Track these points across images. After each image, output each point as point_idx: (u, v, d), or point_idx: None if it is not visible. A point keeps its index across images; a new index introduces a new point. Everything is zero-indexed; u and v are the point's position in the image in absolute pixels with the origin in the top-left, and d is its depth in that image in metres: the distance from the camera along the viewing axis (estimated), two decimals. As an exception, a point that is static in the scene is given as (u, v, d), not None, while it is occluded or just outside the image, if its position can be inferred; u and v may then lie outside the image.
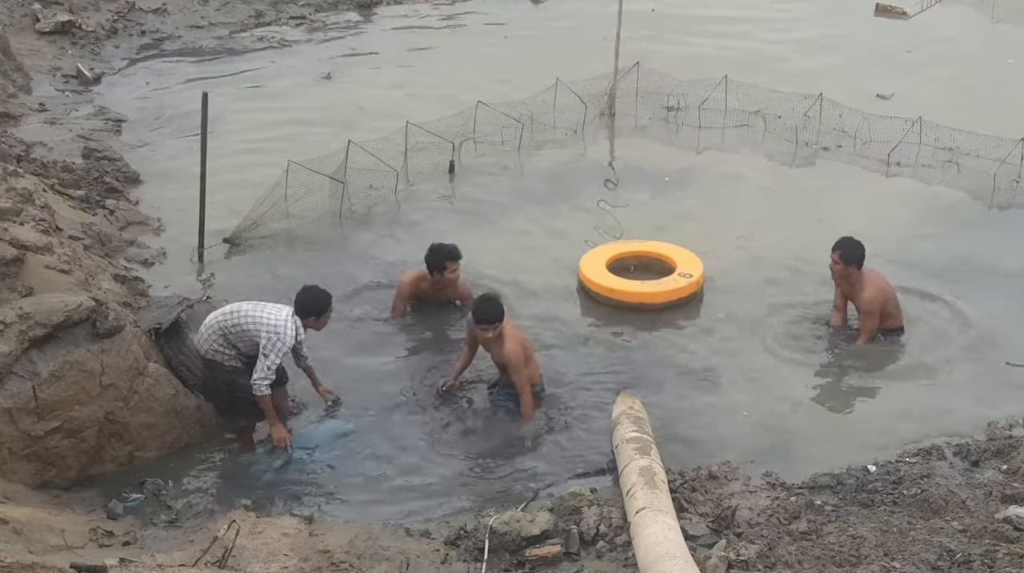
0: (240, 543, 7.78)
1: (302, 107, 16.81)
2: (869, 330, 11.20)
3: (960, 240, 13.32)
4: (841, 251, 11.12)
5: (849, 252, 11.11)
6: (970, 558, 7.68)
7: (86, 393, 8.85)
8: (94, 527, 8.29)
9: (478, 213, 13.89)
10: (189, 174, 13.31)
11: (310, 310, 9.70)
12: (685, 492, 8.70)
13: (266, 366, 9.34)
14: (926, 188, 14.77)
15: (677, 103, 16.80)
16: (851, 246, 11.14)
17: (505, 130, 15.76)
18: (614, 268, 12.22)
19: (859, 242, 11.18)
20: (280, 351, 9.39)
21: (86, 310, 8.90)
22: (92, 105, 16.49)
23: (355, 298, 11.98)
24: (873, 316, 11.16)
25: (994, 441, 9.55)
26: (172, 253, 12.60)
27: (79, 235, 11.61)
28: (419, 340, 11.48)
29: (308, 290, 9.88)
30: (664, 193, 14.62)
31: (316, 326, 9.81)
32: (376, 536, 8.28)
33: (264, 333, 9.38)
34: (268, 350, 9.36)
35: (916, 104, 16.22)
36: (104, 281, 10.51)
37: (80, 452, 8.92)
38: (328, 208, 13.62)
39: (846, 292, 11.32)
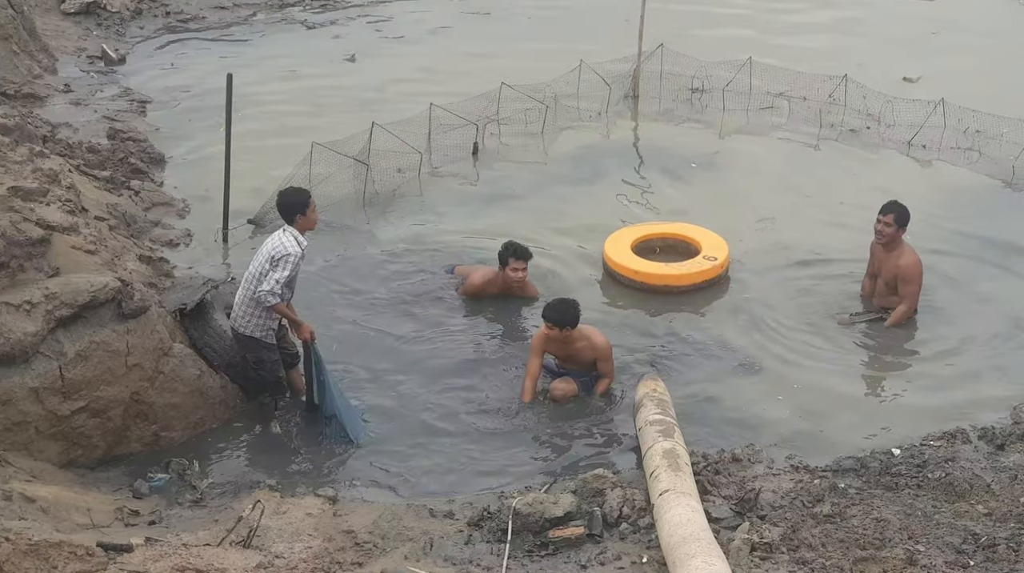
0: (265, 523, 7.83)
1: (326, 89, 16.81)
2: (913, 297, 11.15)
3: (983, 223, 13.25)
4: (895, 214, 11.08)
5: (901, 215, 11.09)
6: (995, 542, 7.67)
7: (112, 373, 8.90)
8: (120, 506, 8.35)
9: (502, 195, 13.88)
10: (214, 155, 13.33)
11: (292, 209, 9.46)
12: (708, 474, 8.70)
13: (275, 279, 9.19)
14: (949, 171, 14.69)
15: (701, 85, 16.74)
16: (902, 209, 11.12)
17: (529, 112, 15.73)
18: (639, 250, 12.19)
19: (906, 206, 11.15)
20: (287, 262, 9.21)
21: (112, 290, 8.95)
22: (117, 86, 16.53)
23: (380, 278, 12.00)
24: (916, 282, 11.10)
25: (1019, 424, 9.52)
26: (197, 234, 12.63)
27: (104, 216, 11.65)
28: (453, 320, 11.46)
29: (282, 193, 9.77)
30: (688, 175, 14.57)
31: (307, 225, 9.54)
32: (400, 516, 8.32)
33: (266, 255, 9.29)
34: (276, 264, 9.21)
35: (942, 87, 16.11)
36: (129, 262, 10.54)
37: (106, 432, 8.97)
38: (352, 190, 13.63)
39: (881, 261, 11.26)
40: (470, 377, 10.51)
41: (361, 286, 11.86)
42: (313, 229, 9.76)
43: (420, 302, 11.64)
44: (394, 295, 11.74)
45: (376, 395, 10.24)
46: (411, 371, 10.60)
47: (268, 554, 7.51)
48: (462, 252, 12.46)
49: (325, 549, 7.71)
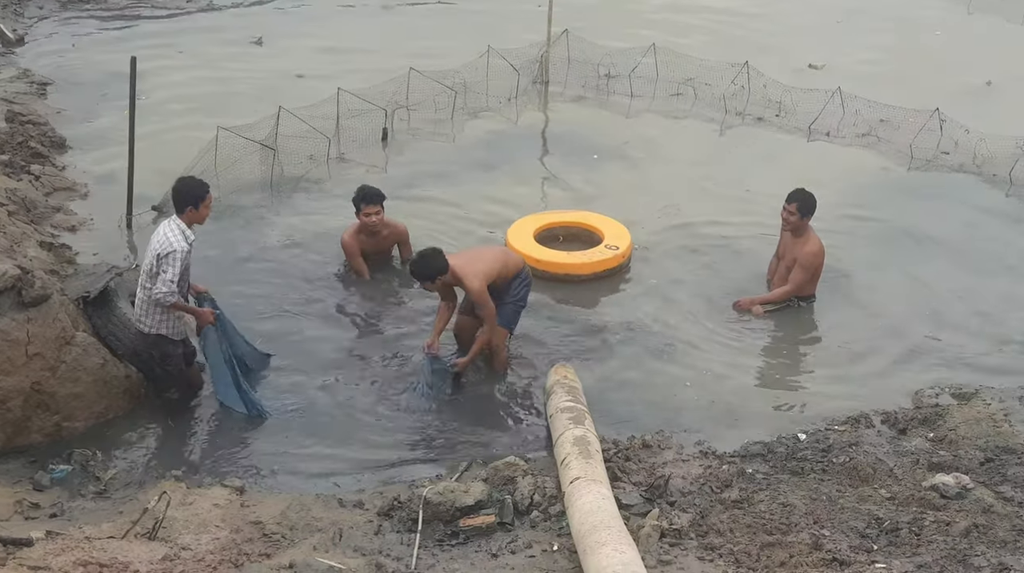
0: (171, 514, 7.74)
1: (232, 71, 16.61)
2: (797, 283, 11.33)
3: (885, 208, 13.50)
4: (798, 203, 11.24)
5: (804, 203, 11.25)
6: (898, 525, 7.81)
7: (11, 363, 8.69)
8: (20, 499, 8.18)
9: (411, 181, 13.81)
10: (116, 139, 13.07)
11: (185, 200, 9.22)
12: (619, 461, 8.74)
13: (167, 279, 8.97)
14: (849, 158, 14.93)
15: (608, 71, 16.83)
16: (806, 197, 11.28)
17: (438, 97, 15.68)
18: (542, 238, 12.20)
19: (812, 194, 11.31)
20: (174, 259, 8.99)
21: (11, 278, 8.73)
22: (15, 67, 16.16)
23: (286, 264, 11.89)
24: (808, 270, 11.28)
25: (921, 409, 9.70)
26: (100, 220, 12.39)
27: (3, 201, 11.41)
28: (355, 304, 11.44)
29: (181, 180, 9.55)
30: (596, 162, 14.62)
31: (198, 219, 9.32)
32: (308, 507, 8.25)
33: (153, 252, 9.07)
34: (164, 265, 8.99)
35: (845, 74, 16.41)
36: (30, 248, 10.32)
37: (5, 422, 8.75)
38: (259, 175, 13.48)
39: (787, 245, 11.42)
40: (374, 364, 10.43)
41: (262, 273, 11.73)
42: (202, 223, 9.52)
43: (318, 288, 11.57)
44: (293, 281, 11.64)
45: (280, 384, 10.13)
46: (313, 359, 10.49)
47: (174, 546, 7.42)
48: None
49: (233, 540, 7.63)
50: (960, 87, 16.71)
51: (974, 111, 15.32)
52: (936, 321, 11.32)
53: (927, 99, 15.29)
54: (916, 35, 19.13)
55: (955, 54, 18.31)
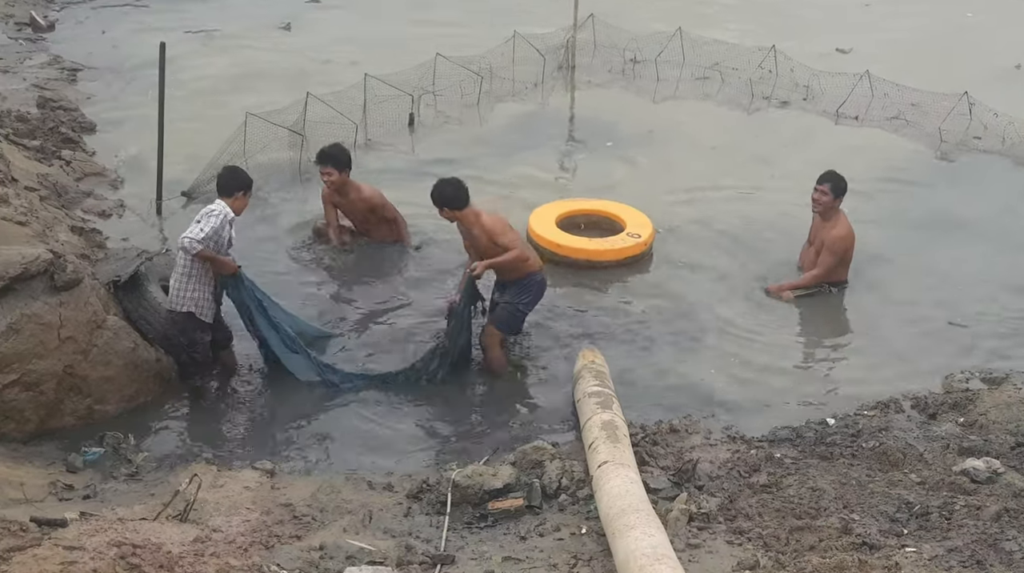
0: (202, 497, 7.77)
1: (261, 58, 16.66)
2: (826, 267, 11.31)
3: (912, 194, 13.44)
4: (830, 183, 11.24)
5: (836, 184, 11.25)
6: (928, 510, 7.79)
7: (44, 346, 8.76)
8: (54, 481, 8.25)
9: (437, 166, 13.77)
10: (146, 124, 13.12)
11: (234, 186, 9.42)
12: (647, 446, 8.75)
13: (198, 229, 9.08)
14: (877, 142, 14.86)
15: (634, 56, 16.79)
16: (838, 178, 11.28)
17: (464, 83, 15.69)
18: (564, 225, 12.19)
19: (843, 176, 11.28)
20: (211, 222, 9.10)
21: (44, 262, 8.80)
22: (46, 53, 16.26)
23: (312, 249, 11.93)
24: (836, 254, 11.26)
25: (951, 394, 9.67)
26: (130, 205, 12.47)
27: (35, 186, 11.48)
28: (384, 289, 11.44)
29: (230, 168, 9.75)
30: (620, 147, 14.60)
31: (238, 206, 9.47)
32: (338, 489, 8.29)
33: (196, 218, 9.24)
34: (203, 219, 9.13)
35: (873, 58, 16.31)
36: (61, 233, 10.39)
37: (38, 405, 8.83)
38: (287, 161, 13.52)
39: (817, 229, 11.39)
40: (403, 348, 10.45)
41: (288, 257, 11.79)
42: (238, 215, 9.62)
43: (345, 273, 11.63)
44: (320, 266, 11.70)
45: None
46: (341, 343, 10.54)
47: (205, 528, 7.46)
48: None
49: (263, 522, 7.67)
50: (989, 70, 16.59)
51: (1004, 94, 15.23)
52: (966, 305, 11.26)
53: (956, 82, 15.19)
54: (944, 18, 18.98)
55: (984, 37, 18.17)
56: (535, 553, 7.47)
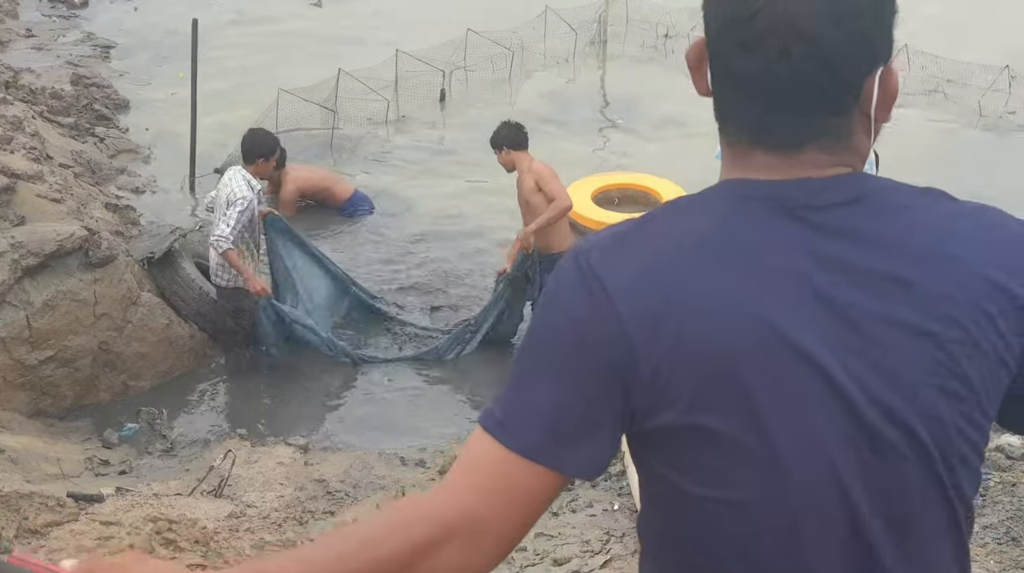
0: (236, 472, 7.81)
1: (293, 34, 16.67)
2: None
3: (950, 169, 13.32)
4: None
5: None
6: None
7: (79, 322, 8.83)
8: (90, 456, 8.31)
9: (469, 141, 13.81)
10: (179, 101, 13.20)
11: (258, 151, 9.29)
12: (679, 422, 8.72)
13: (226, 223, 9.04)
14: (915, 117, 14.73)
15: (667, 31, 16.71)
16: None
17: (496, 58, 15.66)
18: (599, 200, 12.17)
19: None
20: (240, 207, 9.04)
21: (79, 239, 8.86)
22: (80, 30, 16.35)
23: (344, 224, 11.97)
24: None
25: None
26: (163, 182, 12.53)
27: (69, 163, 11.54)
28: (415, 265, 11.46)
29: (253, 131, 9.67)
30: (651, 123, 14.55)
31: (265, 172, 9.43)
32: (371, 465, 8.31)
33: (223, 202, 9.15)
34: (229, 210, 9.06)
35: (910, 31, 16.15)
36: (95, 210, 10.45)
37: (74, 381, 8.91)
38: (319, 137, 13.55)
39: None
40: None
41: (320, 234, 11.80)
42: (265, 178, 9.61)
43: (379, 249, 11.66)
44: (352, 242, 11.74)
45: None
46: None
47: (240, 503, 7.51)
48: (423, 197, 12.42)
49: (297, 498, 7.71)
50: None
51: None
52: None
53: (996, 56, 15.05)
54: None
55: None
56: (567, 529, 7.47)
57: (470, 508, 1.75)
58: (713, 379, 1.73)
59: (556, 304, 1.81)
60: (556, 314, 1.80)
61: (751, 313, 1.74)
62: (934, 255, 1.78)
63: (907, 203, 1.85)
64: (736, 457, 1.75)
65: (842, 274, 1.75)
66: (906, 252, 1.77)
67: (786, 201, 1.81)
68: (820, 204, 1.80)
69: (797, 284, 1.75)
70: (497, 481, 1.76)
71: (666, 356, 1.73)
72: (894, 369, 1.74)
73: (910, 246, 1.78)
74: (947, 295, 1.76)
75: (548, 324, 1.81)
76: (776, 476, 1.74)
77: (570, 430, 1.77)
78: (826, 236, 1.78)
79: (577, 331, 1.77)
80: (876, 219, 1.80)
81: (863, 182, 1.88)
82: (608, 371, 1.75)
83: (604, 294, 1.75)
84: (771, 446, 1.74)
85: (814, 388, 1.73)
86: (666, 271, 1.76)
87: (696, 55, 2.00)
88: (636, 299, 1.75)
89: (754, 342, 1.73)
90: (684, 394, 1.73)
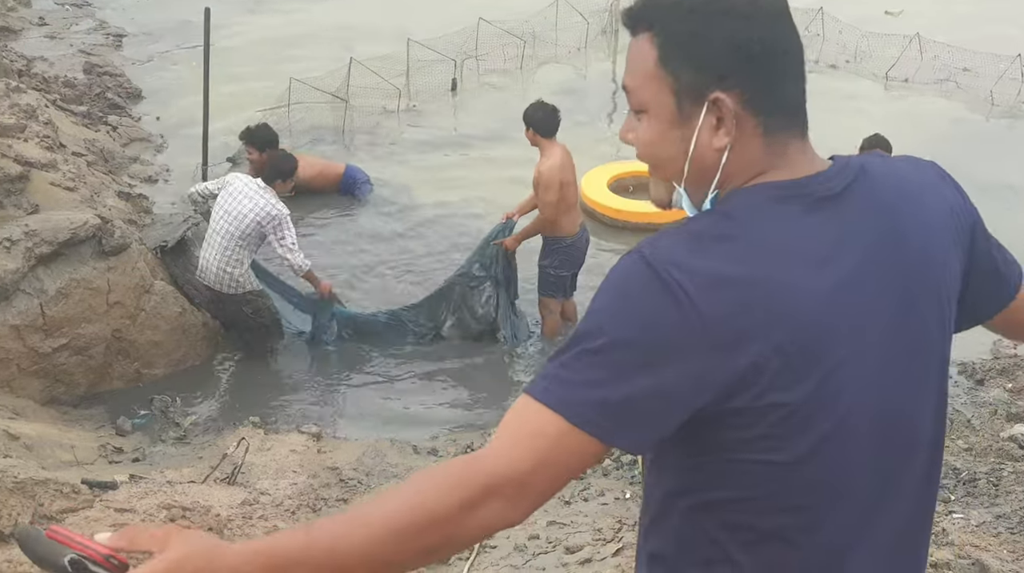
0: (249, 460, 7.83)
1: (306, 23, 16.67)
2: None
3: (962, 159, 13.25)
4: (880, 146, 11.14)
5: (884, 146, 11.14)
6: (975, 476, 7.74)
7: (93, 311, 8.86)
8: (103, 443, 8.34)
9: (480, 131, 13.82)
10: (191, 90, 13.20)
11: (279, 174, 9.26)
12: (690, 411, 8.72)
13: (288, 247, 9.03)
14: (927, 106, 14.72)
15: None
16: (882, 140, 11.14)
17: (507, 48, 15.64)
18: (615, 188, 12.16)
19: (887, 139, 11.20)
20: (287, 223, 9.03)
21: (92, 228, 8.88)
22: (92, 19, 16.37)
23: (355, 214, 11.97)
24: None
25: (999, 360, 9.60)
26: (175, 170, 12.54)
27: (82, 152, 11.55)
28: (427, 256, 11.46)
29: (278, 157, 9.63)
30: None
31: (281, 190, 9.35)
32: (384, 453, 8.33)
33: (253, 221, 9.03)
34: (279, 231, 9.02)
35: (923, 21, 16.11)
36: (108, 198, 10.46)
37: (88, 369, 8.94)
38: (331, 126, 13.55)
39: None
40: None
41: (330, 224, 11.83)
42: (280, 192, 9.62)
43: (389, 239, 11.65)
44: (363, 232, 11.72)
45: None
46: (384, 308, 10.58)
47: (253, 491, 7.52)
48: (432, 187, 12.42)
49: (310, 486, 7.72)
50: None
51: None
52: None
53: (1008, 45, 15.00)
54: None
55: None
56: (579, 518, 7.48)
57: (518, 471, 1.90)
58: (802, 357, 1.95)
59: (632, 309, 1.93)
60: (633, 317, 1.93)
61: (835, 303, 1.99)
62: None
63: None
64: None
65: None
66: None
67: (815, 193, 2.07)
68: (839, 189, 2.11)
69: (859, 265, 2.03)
70: (551, 452, 1.90)
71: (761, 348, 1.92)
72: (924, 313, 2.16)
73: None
74: (940, 245, 2.18)
75: (629, 322, 1.93)
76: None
77: (632, 417, 1.93)
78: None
79: (661, 337, 1.91)
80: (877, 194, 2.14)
81: (849, 163, 2.19)
82: (694, 373, 1.92)
83: (688, 300, 1.90)
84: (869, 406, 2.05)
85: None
86: (755, 276, 1.93)
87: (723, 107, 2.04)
88: (723, 303, 1.92)
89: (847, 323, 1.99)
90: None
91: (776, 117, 2.04)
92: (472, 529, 1.91)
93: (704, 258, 1.92)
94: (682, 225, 2.04)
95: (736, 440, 1.97)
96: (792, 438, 1.95)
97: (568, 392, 1.91)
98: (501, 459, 1.91)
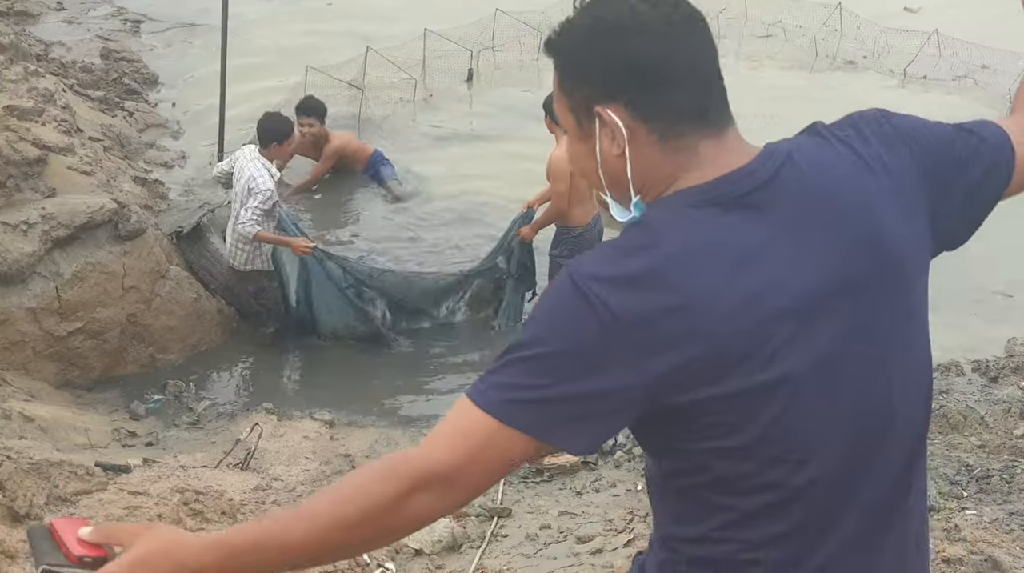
0: (262, 445, 7.85)
1: (322, 11, 16.67)
2: None
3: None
4: None
5: None
6: (988, 473, 7.72)
7: (108, 295, 8.88)
8: (117, 427, 8.37)
9: (496, 122, 13.82)
10: (207, 76, 13.22)
11: (271, 136, 9.30)
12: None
13: (251, 206, 9.02)
14: (945, 103, 14.64)
15: (696, 12, 16.67)
16: None
17: (524, 39, 15.62)
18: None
19: None
20: (260, 199, 9.02)
21: (108, 212, 8.91)
22: (110, 4, 16.39)
23: (369, 202, 11.98)
24: None
25: (1013, 358, 9.56)
26: (192, 156, 12.56)
27: (99, 137, 11.57)
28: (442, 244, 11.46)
29: (267, 116, 9.70)
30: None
31: (279, 155, 9.40)
32: (395, 440, 8.34)
33: (243, 187, 9.13)
34: (249, 201, 9.05)
35: (942, 18, 16.06)
36: (125, 183, 10.49)
37: (102, 353, 8.97)
38: (347, 115, 13.54)
39: None
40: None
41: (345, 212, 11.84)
42: (285, 161, 9.61)
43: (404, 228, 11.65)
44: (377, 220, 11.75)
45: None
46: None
47: (266, 476, 7.55)
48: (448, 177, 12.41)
49: (323, 472, 7.74)
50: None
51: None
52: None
53: (1023, 42, 14.97)
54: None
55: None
56: (591, 508, 7.49)
57: (445, 466, 2.03)
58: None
59: (558, 322, 2.06)
60: (559, 329, 2.05)
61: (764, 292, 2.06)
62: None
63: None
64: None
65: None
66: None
67: (731, 192, 2.12)
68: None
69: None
70: (480, 449, 2.04)
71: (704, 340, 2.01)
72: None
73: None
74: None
75: (556, 335, 2.05)
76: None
77: (560, 418, 2.06)
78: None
79: (588, 347, 2.02)
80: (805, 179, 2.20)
81: (776, 151, 2.24)
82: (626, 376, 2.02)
83: (605, 309, 1.99)
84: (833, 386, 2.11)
85: None
86: (670, 280, 2.02)
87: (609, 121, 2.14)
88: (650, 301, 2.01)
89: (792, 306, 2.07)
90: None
91: (672, 123, 2.11)
92: (405, 520, 2.04)
93: (621, 268, 2.02)
94: (609, 241, 2.18)
95: (685, 431, 2.08)
96: (742, 425, 2.05)
97: (500, 394, 2.05)
98: (431, 456, 2.04)
